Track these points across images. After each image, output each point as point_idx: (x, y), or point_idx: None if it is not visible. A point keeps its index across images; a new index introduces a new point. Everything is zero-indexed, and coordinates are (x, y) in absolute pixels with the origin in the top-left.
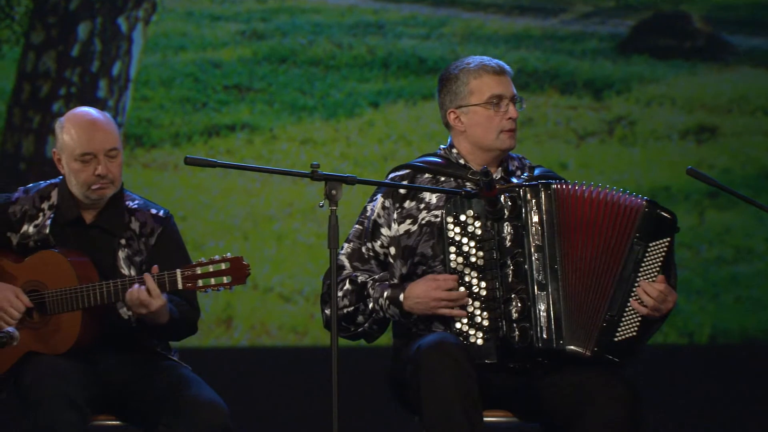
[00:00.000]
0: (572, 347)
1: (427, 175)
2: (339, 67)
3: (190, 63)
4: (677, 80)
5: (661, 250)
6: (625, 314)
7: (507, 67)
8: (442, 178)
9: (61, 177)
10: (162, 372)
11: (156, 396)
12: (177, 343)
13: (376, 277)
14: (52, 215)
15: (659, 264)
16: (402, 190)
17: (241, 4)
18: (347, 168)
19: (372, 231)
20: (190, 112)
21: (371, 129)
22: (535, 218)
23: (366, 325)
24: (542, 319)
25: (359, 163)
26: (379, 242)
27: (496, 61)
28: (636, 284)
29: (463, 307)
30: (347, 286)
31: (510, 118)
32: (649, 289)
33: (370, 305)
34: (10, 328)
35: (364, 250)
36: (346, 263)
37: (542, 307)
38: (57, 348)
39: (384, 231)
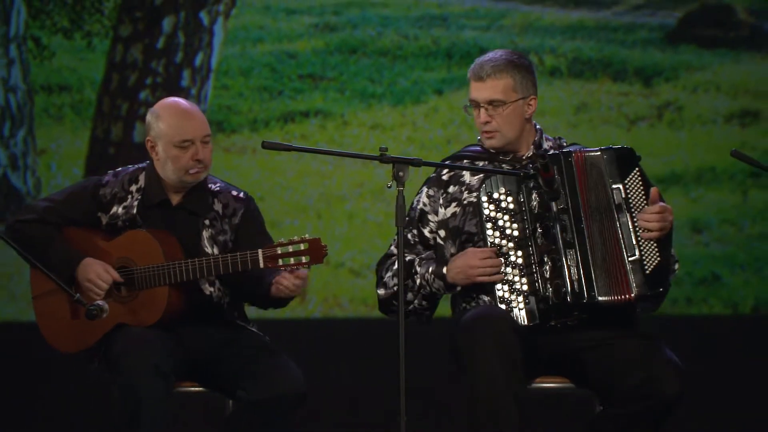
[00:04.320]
0: (605, 298)
1: (465, 162)
2: (406, 57)
3: (267, 54)
4: (722, 68)
5: (637, 180)
6: (642, 248)
7: (489, 68)
8: (480, 164)
9: (148, 162)
10: (242, 341)
11: (236, 363)
12: (255, 314)
13: (423, 255)
14: (139, 197)
15: (642, 192)
16: (445, 177)
17: None
18: (413, 151)
19: (419, 218)
20: (267, 100)
21: (436, 114)
22: (558, 183)
23: (415, 301)
24: (573, 275)
25: (425, 147)
26: (428, 228)
27: (481, 63)
28: (635, 219)
29: (499, 273)
30: (396, 266)
31: (482, 122)
32: (647, 217)
33: (418, 281)
34: (100, 302)
35: (410, 236)
36: (395, 251)
37: (572, 264)
38: (144, 320)
39: (431, 217)
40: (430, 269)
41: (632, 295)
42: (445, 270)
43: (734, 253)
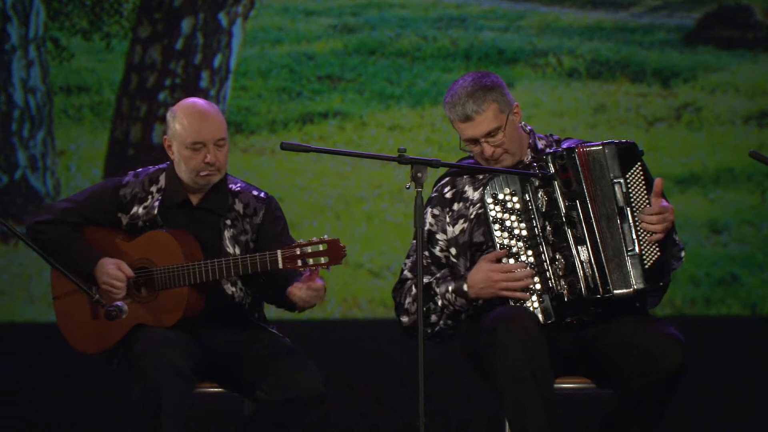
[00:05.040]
0: (618, 291)
1: (466, 177)
2: (424, 58)
3: (285, 55)
4: (740, 69)
5: (639, 175)
6: (642, 242)
7: (472, 104)
8: (480, 177)
9: (168, 162)
10: (261, 342)
11: (255, 364)
12: (274, 315)
13: (438, 275)
14: (160, 198)
15: (644, 187)
16: (447, 195)
17: None
18: (432, 152)
19: (428, 239)
20: (285, 101)
21: None
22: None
23: (441, 322)
24: (587, 270)
25: (443, 148)
26: (438, 247)
27: (461, 102)
28: (635, 214)
29: (526, 286)
30: (413, 291)
31: (489, 156)
32: (649, 219)
33: (439, 302)
34: (119, 302)
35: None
36: (410, 275)
37: (584, 259)
38: (164, 321)
39: (440, 236)
40: (450, 288)
41: (632, 289)
42: (465, 287)
43: (753, 253)
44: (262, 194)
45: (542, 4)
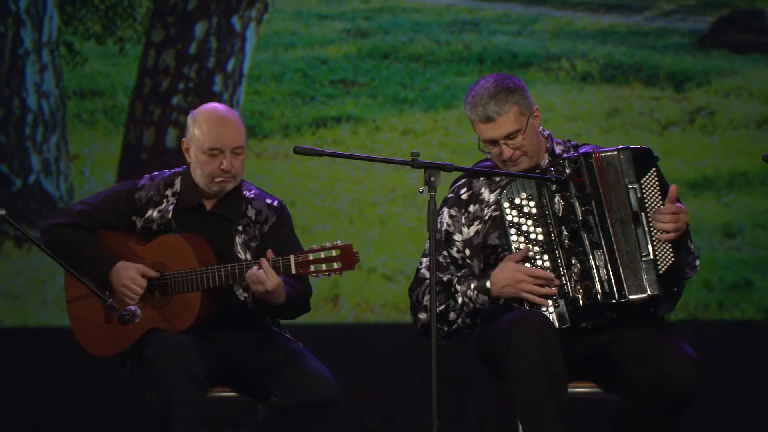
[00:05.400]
0: (633, 296)
1: (482, 178)
2: (437, 62)
3: (299, 59)
4: (754, 73)
5: (653, 181)
6: (656, 248)
7: (494, 105)
8: (497, 178)
9: (184, 167)
10: (274, 346)
11: (269, 368)
12: (288, 320)
13: (459, 274)
14: (174, 201)
15: (659, 193)
16: (464, 197)
17: (347, 3)
18: (445, 156)
19: (445, 239)
20: (299, 105)
21: (467, 120)
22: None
23: (459, 320)
24: (603, 275)
25: (456, 152)
26: (454, 248)
27: (483, 103)
28: (650, 219)
29: (548, 294)
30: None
31: (508, 158)
32: (662, 218)
33: (460, 300)
34: (132, 307)
35: (441, 258)
36: (427, 274)
37: (600, 264)
38: (177, 325)
39: (456, 237)
40: (472, 285)
41: (647, 294)
42: (488, 284)
43: (766, 257)
44: (275, 202)
45: (555, 8)
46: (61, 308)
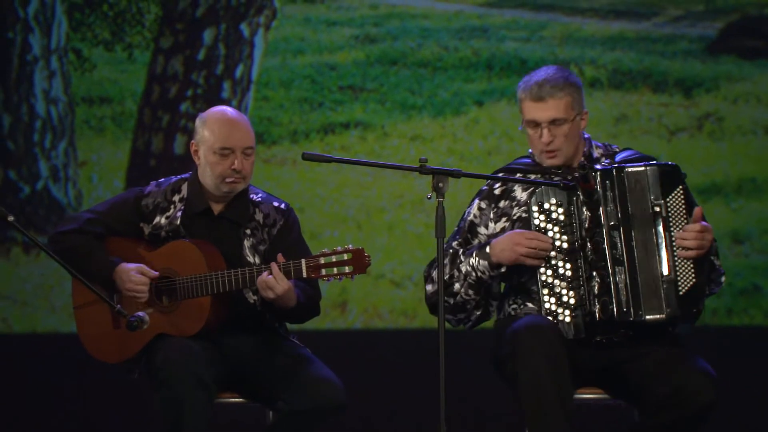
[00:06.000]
0: (650, 316)
1: (518, 175)
2: (446, 69)
3: (307, 65)
4: (762, 79)
5: (679, 199)
6: (678, 268)
7: (549, 88)
8: (533, 177)
9: (190, 173)
10: (282, 352)
11: (277, 374)
12: (296, 325)
13: (468, 247)
14: (182, 207)
15: (684, 211)
16: (497, 191)
17: (355, 10)
18: (453, 162)
19: (468, 230)
20: (307, 111)
21: (476, 126)
22: (609, 198)
23: (462, 291)
24: (621, 293)
25: (465, 158)
26: (476, 240)
27: (539, 82)
28: (673, 238)
29: (545, 257)
30: (445, 262)
31: (545, 143)
32: (686, 235)
33: (463, 269)
34: (140, 313)
35: (455, 243)
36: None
37: (620, 281)
38: (186, 331)
39: (481, 230)
40: (474, 253)
41: (664, 315)
42: (488, 249)
43: None
44: (282, 205)
45: (564, 14)
46: (68, 314)
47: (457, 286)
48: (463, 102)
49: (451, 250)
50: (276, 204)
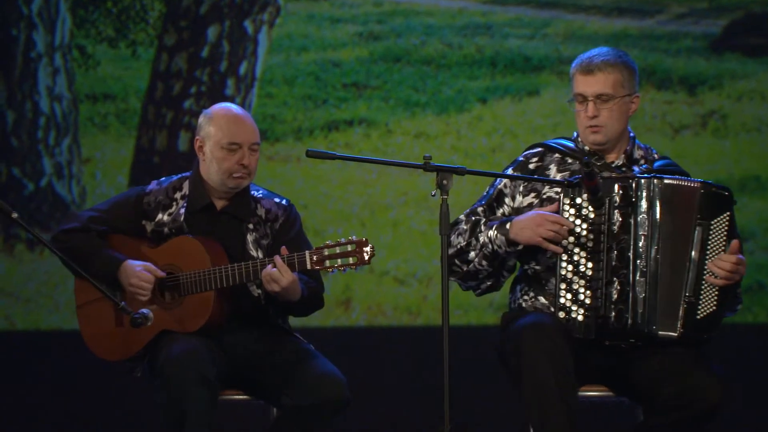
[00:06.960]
0: (662, 333)
1: (557, 155)
2: (450, 66)
3: (311, 62)
4: (766, 76)
5: (724, 225)
6: (702, 292)
7: (599, 62)
8: (569, 160)
9: (191, 171)
10: (286, 347)
11: (280, 370)
12: (299, 322)
13: (492, 218)
14: (184, 204)
15: (724, 238)
16: (531, 166)
17: (359, 7)
18: (457, 159)
19: (496, 197)
20: (311, 109)
21: (480, 123)
22: (644, 208)
23: (476, 260)
24: (639, 304)
25: (469, 155)
26: (501, 210)
27: (590, 57)
28: (705, 263)
29: (564, 246)
30: (463, 225)
31: (589, 116)
32: (722, 264)
33: (481, 239)
34: (144, 310)
35: (479, 209)
36: (463, 218)
37: (639, 293)
38: (189, 326)
39: (508, 201)
40: (494, 226)
41: (677, 334)
42: (509, 225)
43: None
44: (283, 201)
45: (568, 12)
46: (72, 312)
47: (472, 254)
48: (466, 99)
49: (473, 217)
50: (277, 200)
